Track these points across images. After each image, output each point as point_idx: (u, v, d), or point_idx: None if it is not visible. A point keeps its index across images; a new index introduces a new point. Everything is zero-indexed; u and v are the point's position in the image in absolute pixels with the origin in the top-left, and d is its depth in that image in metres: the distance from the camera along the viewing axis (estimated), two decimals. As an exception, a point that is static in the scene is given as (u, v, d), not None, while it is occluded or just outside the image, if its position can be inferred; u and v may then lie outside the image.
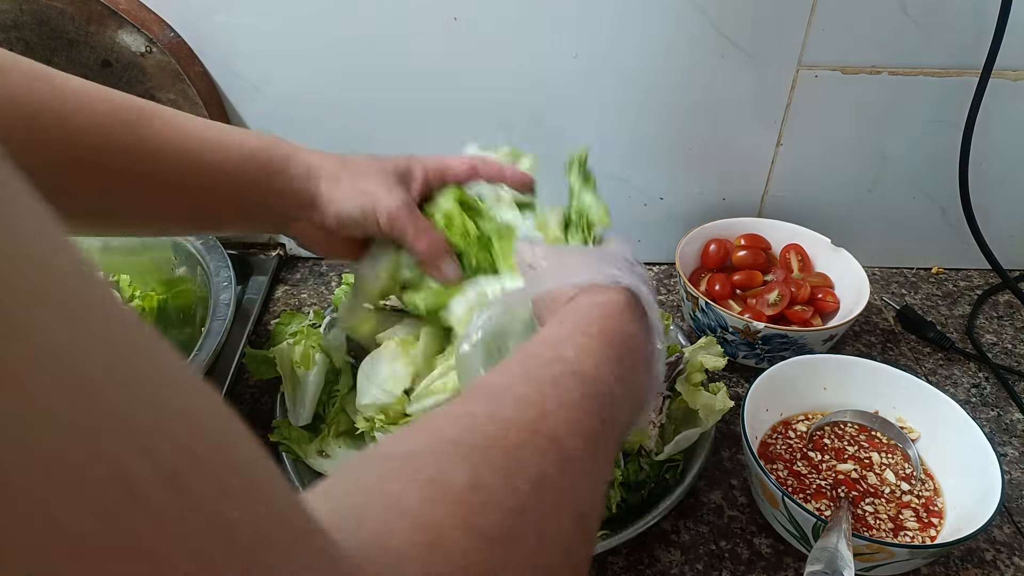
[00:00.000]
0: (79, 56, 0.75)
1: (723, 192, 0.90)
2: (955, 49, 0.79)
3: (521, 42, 0.78)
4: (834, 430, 0.69)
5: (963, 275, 0.96)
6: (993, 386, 0.79)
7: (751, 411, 0.64)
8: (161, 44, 0.74)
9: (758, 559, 0.62)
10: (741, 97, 0.82)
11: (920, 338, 0.85)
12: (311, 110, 0.82)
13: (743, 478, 0.68)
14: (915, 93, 0.82)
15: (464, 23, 0.76)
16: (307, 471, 0.63)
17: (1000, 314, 0.90)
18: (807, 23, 0.77)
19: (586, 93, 0.81)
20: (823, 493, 0.63)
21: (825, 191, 0.90)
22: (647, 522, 0.58)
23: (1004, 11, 0.73)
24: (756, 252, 0.84)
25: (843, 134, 0.85)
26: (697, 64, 0.79)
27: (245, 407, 0.74)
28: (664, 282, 0.93)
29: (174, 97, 0.77)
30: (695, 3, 0.75)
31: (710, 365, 0.66)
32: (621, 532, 0.57)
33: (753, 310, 0.78)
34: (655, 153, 0.86)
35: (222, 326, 0.65)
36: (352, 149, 0.85)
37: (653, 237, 0.93)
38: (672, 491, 0.60)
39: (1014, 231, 0.91)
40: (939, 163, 0.85)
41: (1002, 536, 0.64)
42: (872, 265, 0.93)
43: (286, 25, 0.76)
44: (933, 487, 0.64)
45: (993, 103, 0.79)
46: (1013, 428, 0.75)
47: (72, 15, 0.72)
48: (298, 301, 0.88)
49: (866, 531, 0.60)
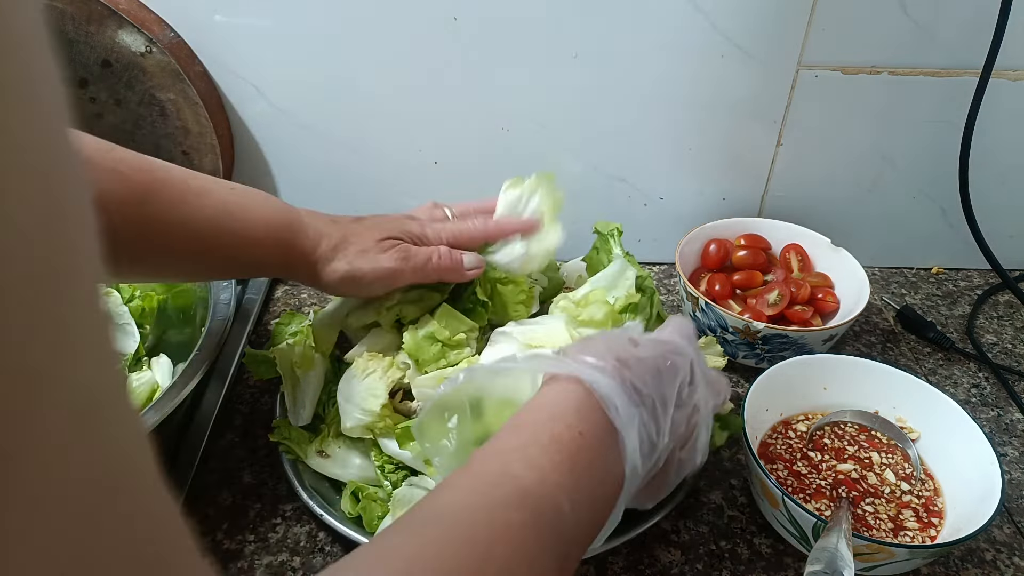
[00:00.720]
0: (79, 56, 0.75)
1: (723, 192, 0.90)
2: (955, 49, 0.79)
3: (521, 42, 0.78)
4: (834, 430, 0.69)
5: (963, 275, 0.96)
6: (993, 386, 0.79)
7: (751, 411, 0.64)
8: (161, 44, 0.74)
9: (758, 559, 0.62)
10: (741, 97, 0.82)
11: (920, 338, 0.85)
12: (311, 110, 0.82)
13: (743, 478, 0.68)
14: (915, 93, 0.82)
15: (464, 23, 0.76)
16: (307, 471, 0.63)
17: (1000, 314, 0.90)
18: (807, 23, 0.77)
19: (586, 93, 0.81)
20: (823, 493, 0.63)
21: (825, 191, 0.90)
22: (647, 522, 0.58)
23: (1004, 11, 0.73)
24: (756, 252, 0.84)
25: (843, 134, 0.85)
26: (697, 64, 0.79)
27: (245, 407, 0.74)
28: (664, 282, 0.93)
29: (174, 97, 0.77)
30: (695, 3, 0.75)
31: (711, 365, 0.65)
32: (621, 532, 0.57)
33: (753, 310, 0.78)
34: (655, 153, 0.86)
35: (222, 326, 0.65)
36: (352, 149, 0.85)
37: (653, 237, 0.93)
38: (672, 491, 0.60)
39: (1014, 231, 0.91)
40: (939, 163, 0.85)
41: (1002, 536, 0.64)
42: (872, 265, 0.93)
43: (286, 25, 0.76)
44: (933, 487, 0.64)
45: (993, 103, 0.79)
46: (1013, 428, 0.75)
47: (72, 15, 0.72)
48: (298, 301, 0.88)
49: (866, 531, 0.60)
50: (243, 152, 0.85)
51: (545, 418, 0.41)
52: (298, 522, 0.63)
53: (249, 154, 0.85)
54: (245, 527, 0.63)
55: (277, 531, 0.62)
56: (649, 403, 0.44)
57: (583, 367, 0.43)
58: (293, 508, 0.64)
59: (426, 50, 0.78)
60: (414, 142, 0.85)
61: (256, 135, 0.84)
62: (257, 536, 0.62)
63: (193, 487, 0.65)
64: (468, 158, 0.86)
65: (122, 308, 0.72)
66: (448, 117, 0.83)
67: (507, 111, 0.83)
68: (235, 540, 0.62)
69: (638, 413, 0.43)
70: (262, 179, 0.88)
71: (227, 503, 0.65)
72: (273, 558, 0.60)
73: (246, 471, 0.67)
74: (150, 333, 0.74)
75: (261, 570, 0.59)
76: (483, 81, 0.80)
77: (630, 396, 0.43)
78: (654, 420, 0.44)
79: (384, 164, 0.86)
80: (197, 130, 0.79)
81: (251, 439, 0.70)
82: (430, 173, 0.87)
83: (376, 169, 0.87)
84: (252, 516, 0.64)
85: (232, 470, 0.68)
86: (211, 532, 0.62)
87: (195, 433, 0.69)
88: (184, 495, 0.63)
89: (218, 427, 0.71)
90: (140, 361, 0.70)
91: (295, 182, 0.88)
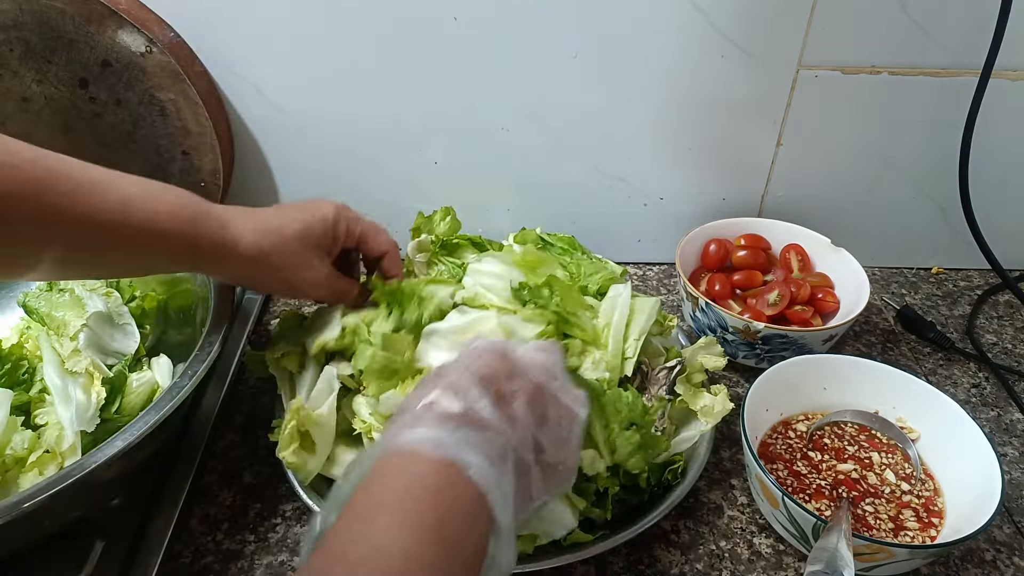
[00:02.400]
0: (79, 56, 0.75)
1: (723, 192, 0.90)
2: (955, 49, 0.79)
3: (521, 42, 0.78)
4: (834, 430, 0.69)
5: (963, 275, 0.96)
6: (993, 386, 0.79)
7: (751, 411, 0.64)
8: (161, 44, 0.74)
9: (758, 559, 0.62)
10: (741, 97, 0.82)
11: (920, 338, 0.85)
12: (311, 110, 0.82)
13: (743, 478, 0.68)
14: (915, 93, 0.82)
15: (464, 23, 0.76)
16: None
17: (1000, 314, 0.90)
18: (807, 23, 0.77)
19: (586, 93, 0.81)
20: (823, 493, 0.63)
21: (825, 191, 0.90)
22: (647, 522, 0.58)
23: (1004, 11, 0.73)
24: (756, 252, 0.84)
25: (843, 134, 0.85)
26: (697, 64, 0.79)
27: (245, 407, 0.74)
28: (664, 282, 0.93)
29: (174, 97, 0.77)
30: (695, 3, 0.75)
31: (710, 366, 0.66)
32: (621, 532, 0.57)
33: (753, 310, 0.78)
34: (655, 153, 0.86)
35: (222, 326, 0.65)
36: (351, 148, 0.85)
37: (653, 237, 0.93)
38: (672, 491, 0.60)
39: (1014, 231, 0.91)
40: (939, 163, 0.85)
41: (1002, 536, 0.64)
42: (872, 265, 0.93)
43: (286, 25, 0.76)
44: (933, 487, 0.64)
45: (993, 103, 0.79)
46: (1013, 428, 0.75)
47: (72, 15, 0.72)
48: (298, 301, 0.88)
49: (866, 531, 0.60)
50: (243, 152, 0.85)
51: (388, 497, 0.37)
52: (298, 522, 0.63)
53: (249, 154, 0.85)
54: (245, 527, 0.63)
55: (277, 531, 0.62)
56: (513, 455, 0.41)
57: (434, 443, 0.39)
58: (293, 508, 0.64)
59: (426, 50, 0.78)
60: (414, 142, 0.85)
61: (256, 135, 0.84)
62: (257, 536, 0.62)
63: (193, 487, 0.65)
64: (468, 158, 0.86)
65: (122, 308, 0.72)
66: (448, 117, 0.83)
67: (507, 111, 0.83)
68: (235, 540, 0.62)
69: (497, 472, 0.40)
70: (262, 179, 0.88)
71: (227, 503, 0.65)
72: (273, 558, 0.60)
73: (246, 471, 0.67)
74: (150, 333, 0.73)
75: (261, 570, 0.59)
76: (483, 81, 0.80)
77: (489, 456, 0.40)
78: (521, 472, 0.42)
79: (384, 164, 0.86)
80: (197, 130, 0.79)
81: (251, 439, 0.70)
82: (430, 173, 0.87)
83: (376, 169, 0.87)
84: (252, 516, 0.64)
85: (232, 470, 0.68)
86: (211, 532, 0.62)
87: (195, 433, 0.69)
88: (184, 495, 0.63)
89: (218, 427, 0.71)
90: (140, 361, 0.70)
91: (295, 182, 0.88)
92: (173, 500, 0.62)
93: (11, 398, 0.61)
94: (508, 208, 0.91)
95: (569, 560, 0.56)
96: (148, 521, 0.60)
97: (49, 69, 0.76)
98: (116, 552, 0.57)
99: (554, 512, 0.55)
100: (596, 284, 0.66)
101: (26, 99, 0.78)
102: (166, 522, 0.61)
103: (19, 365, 0.66)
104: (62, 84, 0.77)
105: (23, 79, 0.76)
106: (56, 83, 0.77)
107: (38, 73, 0.76)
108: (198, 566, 0.60)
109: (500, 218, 0.91)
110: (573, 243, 0.73)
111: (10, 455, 0.59)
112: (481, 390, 0.43)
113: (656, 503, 0.60)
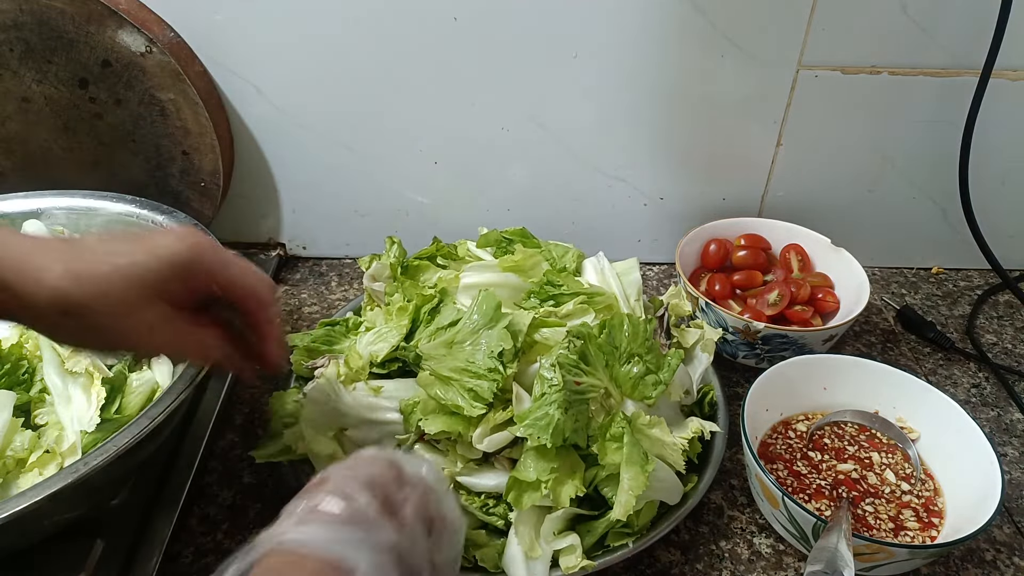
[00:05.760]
0: (79, 56, 0.75)
1: (723, 192, 0.90)
2: (955, 49, 0.79)
3: (521, 42, 0.78)
4: (834, 430, 0.69)
5: (963, 275, 0.96)
6: (993, 386, 0.79)
7: (751, 411, 0.64)
8: (161, 44, 0.74)
9: (758, 559, 0.62)
10: (741, 97, 0.82)
11: (920, 338, 0.85)
12: (311, 110, 0.82)
13: (743, 478, 0.68)
14: (915, 93, 0.82)
15: (464, 23, 0.76)
16: (307, 470, 0.63)
17: (1000, 314, 0.90)
18: (807, 23, 0.77)
19: (586, 93, 0.81)
20: (823, 493, 0.63)
21: (825, 191, 0.90)
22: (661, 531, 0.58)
23: (1004, 11, 0.73)
24: (756, 252, 0.84)
25: (843, 134, 0.85)
26: (697, 64, 0.79)
27: (245, 407, 0.74)
28: (664, 282, 0.93)
29: (174, 97, 0.77)
30: (695, 3, 0.75)
31: (683, 312, 0.71)
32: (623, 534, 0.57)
33: (753, 310, 0.78)
34: (655, 153, 0.86)
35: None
36: (352, 148, 0.85)
37: (653, 237, 0.93)
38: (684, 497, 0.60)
39: (1014, 231, 0.91)
40: (939, 163, 0.85)
41: (1002, 536, 0.64)
42: (872, 265, 0.93)
43: (286, 25, 0.76)
44: (933, 487, 0.64)
45: (993, 103, 0.79)
46: (1013, 428, 0.75)
47: (72, 15, 0.72)
48: (298, 301, 0.88)
49: (866, 531, 0.60)
50: (243, 152, 0.85)
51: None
52: (298, 522, 0.63)
53: (249, 154, 0.86)
54: (245, 527, 0.63)
55: (277, 531, 0.62)
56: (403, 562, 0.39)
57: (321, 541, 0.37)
58: (293, 508, 0.64)
59: (426, 50, 0.78)
60: (414, 142, 0.85)
61: (256, 135, 0.84)
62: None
63: (193, 487, 0.65)
64: (468, 158, 0.86)
65: (122, 308, 0.72)
66: (448, 117, 0.83)
67: (507, 111, 0.83)
68: (235, 540, 0.62)
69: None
70: (262, 179, 0.88)
71: (227, 503, 0.65)
72: (273, 558, 0.60)
73: (246, 471, 0.67)
74: (150, 333, 0.73)
75: (261, 570, 0.59)
76: (483, 81, 0.80)
77: (378, 559, 0.37)
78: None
79: (384, 164, 0.86)
80: (197, 130, 0.79)
81: (251, 439, 0.70)
82: (430, 173, 0.87)
83: (376, 169, 0.87)
84: (252, 516, 0.64)
85: (232, 470, 0.68)
86: (211, 532, 0.62)
87: (195, 433, 0.69)
88: (184, 495, 0.63)
89: (218, 427, 0.71)
90: (140, 361, 0.70)
91: (295, 182, 0.88)
92: (173, 500, 0.62)
93: (14, 400, 0.61)
94: (508, 208, 0.91)
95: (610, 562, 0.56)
96: (148, 521, 0.60)
97: (49, 69, 0.76)
98: (116, 552, 0.57)
99: (665, 481, 0.58)
100: (572, 263, 0.70)
101: (26, 99, 0.78)
102: (166, 522, 0.60)
103: (19, 365, 0.66)
104: (62, 84, 0.77)
105: (23, 79, 0.76)
106: (56, 83, 0.77)
107: (38, 73, 0.76)
108: (198, 566, 0.60)
109: (500, 218, 0.91)
110: (525, 233, 0.74)
111: (11, 456, 0.59)
112: (369, 495, 0.40)
113: (662, 507, 0.60)
